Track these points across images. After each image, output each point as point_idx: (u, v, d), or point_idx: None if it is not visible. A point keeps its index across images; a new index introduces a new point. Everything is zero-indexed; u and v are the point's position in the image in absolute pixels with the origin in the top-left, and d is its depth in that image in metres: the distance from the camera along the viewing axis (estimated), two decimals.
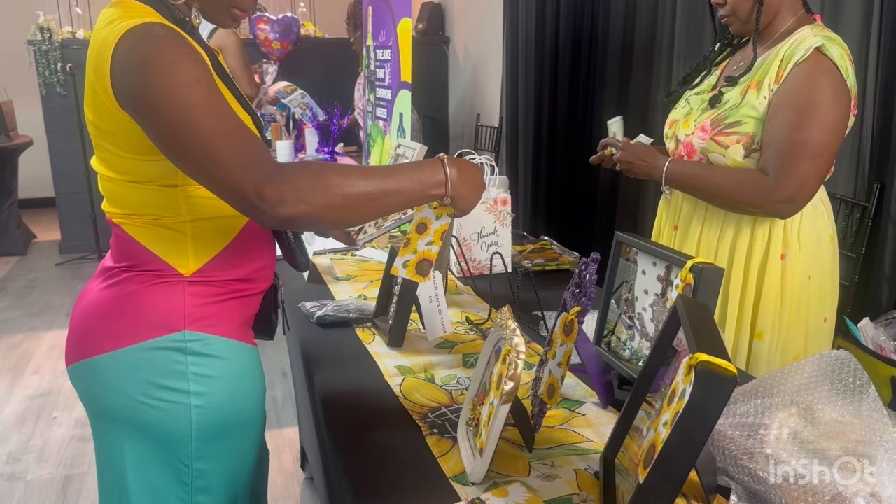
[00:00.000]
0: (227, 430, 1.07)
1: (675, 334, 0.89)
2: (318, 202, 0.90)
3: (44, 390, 3.10)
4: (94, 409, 1.08)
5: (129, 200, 1.03)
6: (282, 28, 4.98)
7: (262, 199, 0.87)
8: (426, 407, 1.18)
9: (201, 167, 0.91)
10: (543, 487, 0.95)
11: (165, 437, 1.03)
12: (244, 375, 1.09)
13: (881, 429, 0.85)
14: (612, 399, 1.19)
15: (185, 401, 1.02)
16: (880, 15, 1.91)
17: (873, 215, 1.98)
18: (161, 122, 0.90)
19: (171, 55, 0.91)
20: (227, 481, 1.10)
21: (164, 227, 1.03)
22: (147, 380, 1.01)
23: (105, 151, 1.01)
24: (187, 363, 1.02)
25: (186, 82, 0.90)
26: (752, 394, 0.96)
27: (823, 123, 1.38)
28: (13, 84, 5.61)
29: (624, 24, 3.17)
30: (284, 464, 2.50)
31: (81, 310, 1.08)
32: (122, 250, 1.06)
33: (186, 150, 0.91)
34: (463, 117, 5.40)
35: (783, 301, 1.52)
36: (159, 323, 1.02)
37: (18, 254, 5.30)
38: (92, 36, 0.98)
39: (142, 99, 0.90)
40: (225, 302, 1.07)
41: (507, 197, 1.93)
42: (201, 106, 0.90)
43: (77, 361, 1.06)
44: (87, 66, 0.97)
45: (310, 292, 1.74)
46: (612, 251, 1.28)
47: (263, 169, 0.88)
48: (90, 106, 0.99)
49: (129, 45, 0.91)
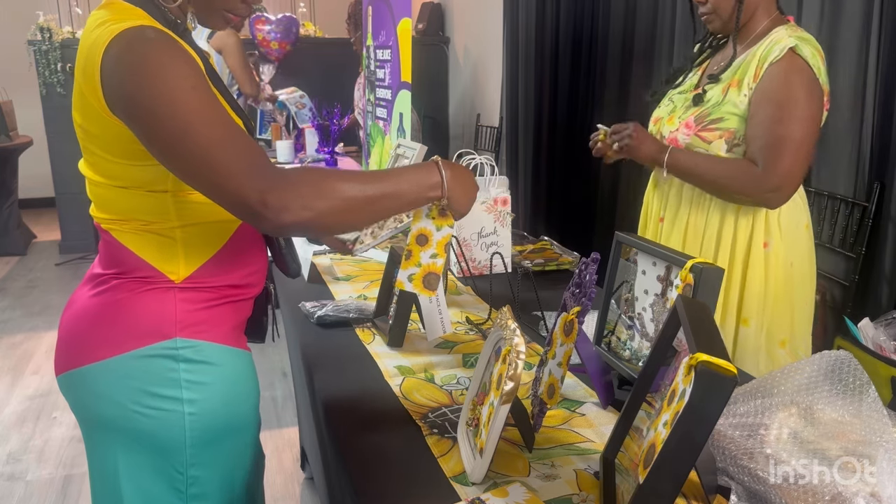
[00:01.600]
0: (221, 435, 1.06)
1: (675, 334, 0.89)
2: (320, 207, 0.90)
3: (44, 390, 3.10)
4: (85, 419, 1.07)
5: (118, 205, 1.01)
6: (281, 28, 4.98)
7: (266, 207, 0.87)
8: (426, 407, 1.18)
9: (199, 174, 0.90)
10: (543, 487, 0.95)
11: (159, 445, 1.02)
12: (237, 380, 1.08)
13: (881, 429, 0.85)
14: (612, 399, 1.19)
15: (178, 408, 1.01)
16: (880, 15, 1.91)
17: (873, 215, 1.98)
18: (155, 129, 0.89)
19: (164, 59, 0.89)
20: (223, 487, 1.09)
21: (153, 233, 1.01)
22: (139, 388, 1.00)
23: (93, 155, 0.99)
24: (180, 370, 1.01)
25: (182, 87, 0.88)
26: (752, 394, 0.96)
27: (802, 119, 1.46)
28: (13, 84, 5.60)
29: (624, 24, 3.17)
30: (284, 464, 2.50)
31: (70, 318, 1.06)
32: (110, 256, 1.04)
33: (183, 157, 0.90)
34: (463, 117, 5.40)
35: (767, 287, 1.58)
36: (150, 330, 1.00)
37: (18, 254, 5.30)
38: (81, 38, 0.96)
39: (134, 104, 0.89)
40: (217, 307, 1.05)
41: (507, 197, 1.93)
42: (198, 112, 0.89)
43: (67, 371, 1.04)
44: (75, 68, 0.96)
45: (310, 292, 1.74)
46: (612, 251, 1.28)
47: (266, 176, 0.88)
48: (78, 109, 0.98)
49: (120, 48, 0.89)
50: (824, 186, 2.17)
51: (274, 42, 5.00)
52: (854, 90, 2.01)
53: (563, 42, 3.67)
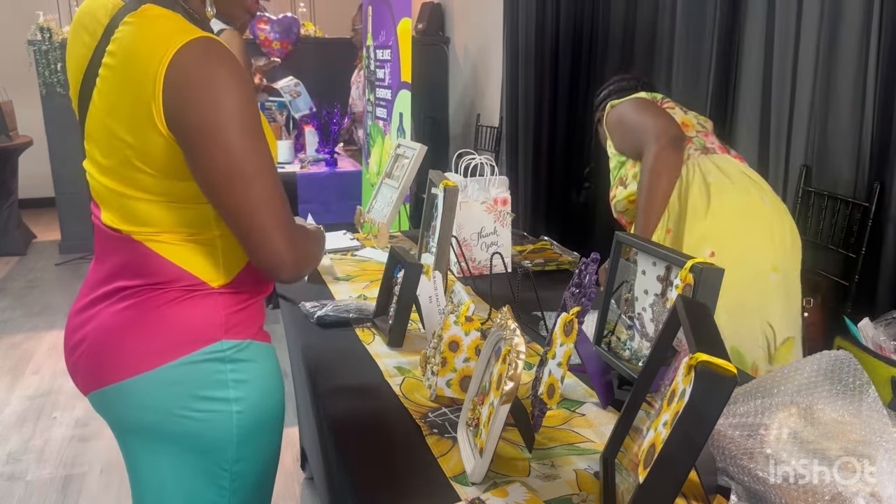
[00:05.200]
0: (261, 428, 1.06)
1: (675, 334, 0.89)
2: (306, 272, 1.09)
3: (44, 390, 3.10)
4: (125, 429, 1.05)
5: (155, 218, 0.98)
6: (282, 28, 4.99)
7: (296, 275, 1.01)
8: (426, 407, 1.18)
9: (243, 217, 0.94)
10: (543, 487, 0.95)
11: (205, 446, 1.02)
12: (271, 373, 1.09)
13: (881, 429, 0.85)
14: (612, 399, 1.19)
15: (227, 408, 1.01)
16: (880, 15, 1.91)
17: (873, 215, 1.98)
18: (214, 152, 0.90)
19: (245, 88, 0.91)
20: (258, 478, 1.10)
21: (195, 243, 1.00)
22: (188, 393, 0.99)
23: (130, 168, 0.95)
24: (227, 371, 1.01)
25: (250, 114, 0.92)
26: (752, 394, 0.96)
27: (637, 108, 1.81)
28: (13, 84, 5.60)
29: (624, 24, 3.17)
30: (284, 464, 2.49)
31: (98, 333, 1.01)
32: (139, 267, 1.00)
33: (234, 202, 0.93)
34: (463, 117, 5.40)
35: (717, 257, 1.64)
36: (196, 337, 0.99)
37: (18, 254, 5.30)
38: (122, 44, 0.92)
39: (202, 122, 0.89)
40: (249, 308, 1.06)
41: (507, 197, 1.93)
42: (262, 161, 0.94)
43: (102, 387, 1.01)
44: (112, 76, 0.92)
45: (310, 292, 1.74)
46: (612, 251, 1.28)
47: (295, 246, 0.98)
48: (121, 121, 0.93)
49: (193, 60, 0.88)
50: (824, 186, 2.17)
51: (275, 42, 5.00)
52: (854, 90, 2.00)
53: (563, 42, 3.67)
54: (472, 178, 1.93)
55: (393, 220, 2.22)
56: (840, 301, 2.09)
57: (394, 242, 2.17)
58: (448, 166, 2.09)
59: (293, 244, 0.97)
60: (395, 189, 2.18)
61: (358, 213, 2.32)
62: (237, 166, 0.91)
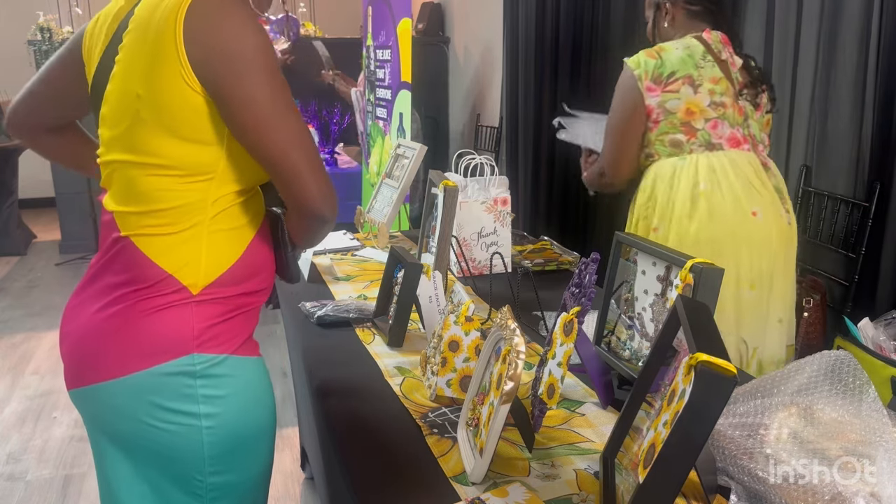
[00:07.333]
0: (240, 443, 1.05)
1: (675, 334, 0.89)
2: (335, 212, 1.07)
3: (44, 390, 3.10)
4: (99, 431, 1.05)
5: (150, 192, 0.97)
6: (282, 28, 4.98)
7: (331, 219, 1.03)
8: (426, 407, 1.18)
9: (282, 170, 0.97)
10: (543, 487, 0.95)
11: (177, 456, 1.01)
12: (252, 388, 1.07)
13: (881, 429, 0.85)
14: (612, 399, 1.19)
15: (195, 423, 1.00)
16: (880, 15, 1.91)
17: (873, 215, 1.98)
18: (248, 76, 0.92)
19: (263, 30, 0.94)
20: (245, 491, 1.09)
21: (180, 237, 0.98)
22: (156, 403, 0.99)
23: (144, 126, 0.95)
24: (196, 386, 0.99)
25: (277, 69, 0.94)
26: (752, 394, 0.96)
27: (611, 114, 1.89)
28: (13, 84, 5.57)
29: (624, 24, 3.17)
30: (284, 464, 2.49)
31: (79, 333, 1.03)
32: (124, 265, 1.00)
33: (272, 152, 0.95)
34: (463, 117, 5.40)
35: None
36: (168, 348, 0.98)
37: (18, 254, 5.30)
38: (139, 14, 0.96)
39: (229, 53, 0.91)
40: (231, 319, 1.04)
41: (507, 197, 1.93)
42: (290, 102, 0.95)
43: (80, 387, 1.03)
44: (132, 41, 0.95)
45: (310, 292, 1.74)
46: (612, 251, 1.28)
47: (333, 195, 1.00)
48: (143, 78, 0.94)
49: (209, 7, 0.91)
50: (824, 186, 2.17)
51: (276, 41, 5.00)
52: (854, 90, 2.01)
53: (563, 42, 3.67)
54: (472, 178, 1.93)
55: (393, 220, 2.22)
56: (840, 301, 2.09)
57: (394, 242, 2.17)
58: (448, 166, 2.09)
59: (329, 203, 1.00)
60: (395, 189, 2.19)
61: (358, 212, 2.32)
62: (269, 104, 0.94)
